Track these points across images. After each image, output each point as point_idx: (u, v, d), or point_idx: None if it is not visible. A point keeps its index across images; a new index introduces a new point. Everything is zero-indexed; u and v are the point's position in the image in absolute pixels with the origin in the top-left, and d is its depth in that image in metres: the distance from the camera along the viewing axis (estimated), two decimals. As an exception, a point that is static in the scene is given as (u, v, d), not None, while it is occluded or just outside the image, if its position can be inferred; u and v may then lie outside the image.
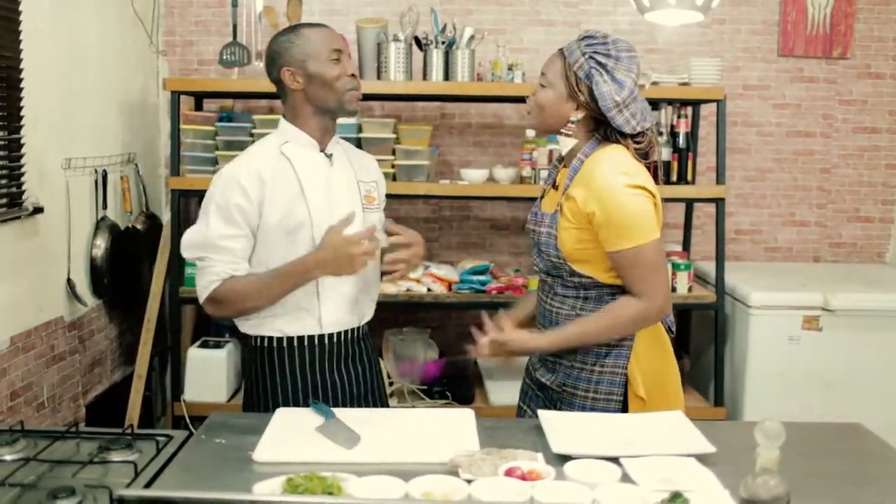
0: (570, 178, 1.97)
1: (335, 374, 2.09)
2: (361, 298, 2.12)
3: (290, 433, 1.79)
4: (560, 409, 2.03)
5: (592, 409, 2.00)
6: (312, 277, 1.97)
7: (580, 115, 1.97)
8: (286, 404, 2.02)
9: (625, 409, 1.99)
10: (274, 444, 1.72)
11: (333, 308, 2.05)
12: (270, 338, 2.06)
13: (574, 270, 1.98)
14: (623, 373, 1.99)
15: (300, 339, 2.05)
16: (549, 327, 2.06)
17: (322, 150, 2.07)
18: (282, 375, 2.06)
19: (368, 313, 2.18)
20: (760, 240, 3.95)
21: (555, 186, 2.06)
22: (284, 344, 2.06)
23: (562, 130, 2.00)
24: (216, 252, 1.98)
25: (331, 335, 2.08)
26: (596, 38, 1.94)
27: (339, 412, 1.89)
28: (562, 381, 2.04)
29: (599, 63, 1.91)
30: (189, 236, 2.02)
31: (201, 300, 2.02)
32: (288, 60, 2.00)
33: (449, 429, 1.83)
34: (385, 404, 2.24)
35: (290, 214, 1.99)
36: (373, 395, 2.17)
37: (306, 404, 2.01)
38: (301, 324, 2.05)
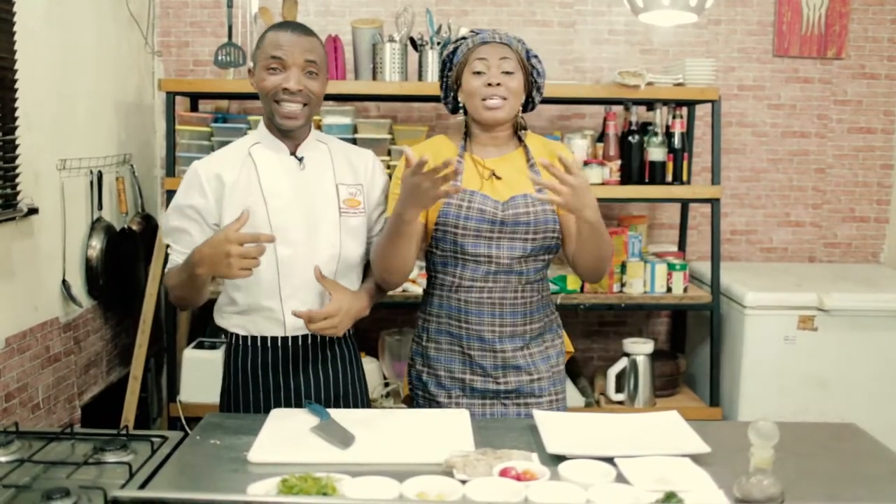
0: (529, 160, 2.09)
1: (300, 378, 2.06)
2: None
3: (285, 434, 1.79)
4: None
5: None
6: (200, 273, 1.82)
7: (524, 97, 2.11)
8: (256, 403, 2.02)
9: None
10: (269, 444, 1.72)
11: (297, 308, 2.00)
12: (237, 334, 2.07)
13: (557, 245, 2.09)
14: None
15: (263, 339, 2.05)
16: (515, 328, 2.08)
17: (293, 153, 2.04)
18: (244, 374, 2.06)
19: None
20: (756, 240, 3.96)
21: (496, 177, 2.07)
22: (249, 342, 2.06)
23: (519, 114, 2.11)
24: (176, 241, 2.02)
25: (295, 338, 2.05)
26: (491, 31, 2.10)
27: (335, 413, 1.89)
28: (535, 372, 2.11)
29: (528, 49, 2.10)
30: (166, 223, 2.06)
31: (164, 282, 2.08)
32: (253, 58, 2.00)
33: (444, 429, 1.83)
34: (366, 408, 2.20)
35: (250, 217, 1.93)
36: (345, 399, 2.12)
37: (270, 404, 2.01)
38: (263, 324, 2.04)
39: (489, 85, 2.01)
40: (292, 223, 2.00)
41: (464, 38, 2.11)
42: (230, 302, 2.06)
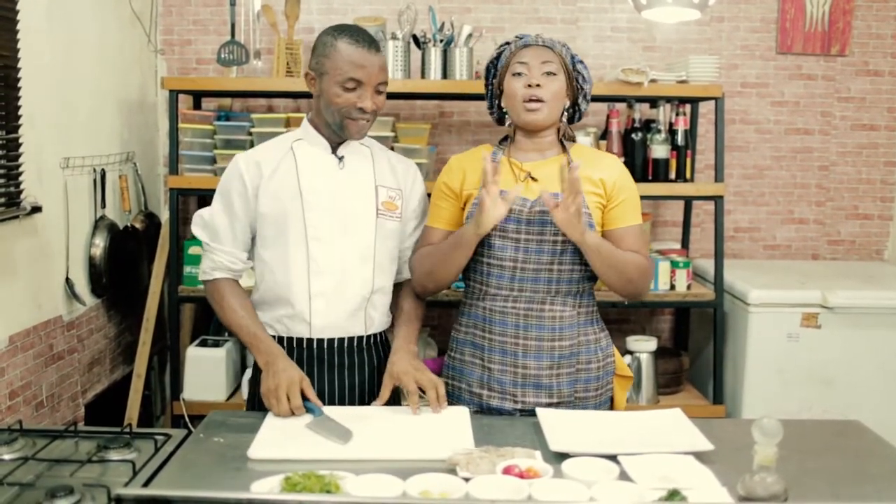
0: (570, 164, 2.03)
1: (325, 381, 2.06)
2: (371, 308, 2.08)
3: (284, 430, 1.80)
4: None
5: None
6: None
7: (568, 102, 2.08)
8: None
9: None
10: (268, 441, 1.73)
11: (326, 314, 2.02)
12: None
13: None
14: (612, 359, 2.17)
15: (290, 339, 2.05)
16: (541, 343, 2.01)
17: (333, 152, 2.05)
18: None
19: (380, 322, 2.12)
20: (759, 237, 3.95)
21: (532, 178, 2.05)
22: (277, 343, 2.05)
23: (562, 120, 2.09)
24: (217, 239, 2.05)
25: (321, 340, 2.04)
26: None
27: (331, 410, 1.90)
28: (570, 389, 2.05)
29: (574, 55, 2.07)
30: (199, 216, 2.09)
31: (200, 278, 2.11)
32: (313, 64, 1.98)
33: (444, 426, 1.83)
34: None
35: (284, 209, 1.99)
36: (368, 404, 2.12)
37: None
38: (290, 324, 2.04)
39: (529, 86, 1.99)
40: (326, 221, 2.00)
41: (507, 42, 2.09)
42: (260, 298, 2.08)
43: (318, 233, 2.00)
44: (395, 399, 2.03)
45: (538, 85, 1.98)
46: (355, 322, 2.06)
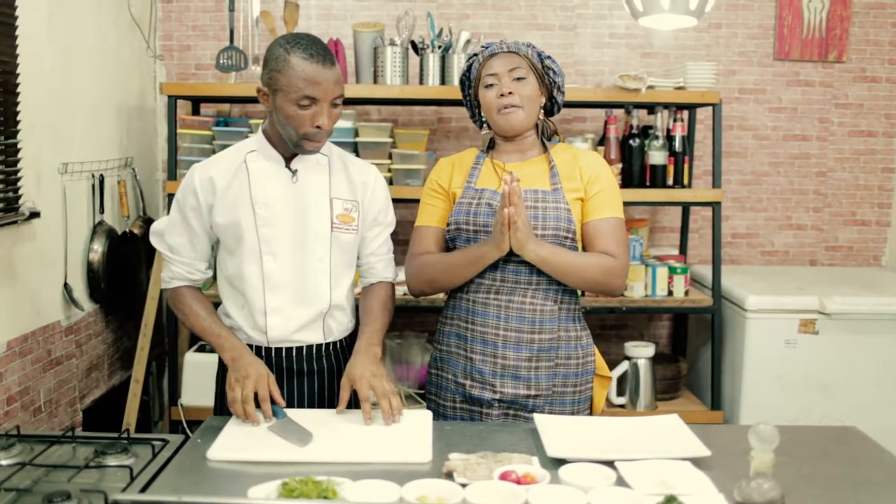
0: (551, 164, 2.10)
1: (282, 388, 2.02)
2: (330, 319, 2.06)
3: (246, 432, 1.82)
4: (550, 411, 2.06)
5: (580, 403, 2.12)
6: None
7: (543, 100, 2.13)
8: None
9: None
10: (229, 444, 1.75)
11: (281, 328, 2.01)
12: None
13: (573, 248, 2.06)
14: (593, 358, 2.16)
15: (248, 347, 2.02)
16: (520, 334, 2.03)
17: (287, 165, 2.01)
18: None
19: (339, 331, 2.10)
20: (757, 243, 3.96)
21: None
22: None
23: (540, 118, 2.13)
24: (173, 251, 2.06)
25: (279, 349, 2.04)
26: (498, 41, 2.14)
27: (296, 412, 1.90)
28: (549, 384, 2.07)
29: (540, 52, 2.11)
30: (155, 227, 2.09)
31: (161, 287, 2.12)
32: (265, 79, 1.92)
33: (404, 430, 1.85)
34: None
35: (237, 222, 1.97)
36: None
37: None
38: (251, 332, 2.04)
39: (502, 95, 2.03)
40: (279, 236, 1.99)
41: (475, 54, 2.12)
42: (222, 304, 2.09)
43: (271, 248, 1.98)
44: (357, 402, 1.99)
45: (510, 93, 2.03)
46: (313, 333, 2.05)
